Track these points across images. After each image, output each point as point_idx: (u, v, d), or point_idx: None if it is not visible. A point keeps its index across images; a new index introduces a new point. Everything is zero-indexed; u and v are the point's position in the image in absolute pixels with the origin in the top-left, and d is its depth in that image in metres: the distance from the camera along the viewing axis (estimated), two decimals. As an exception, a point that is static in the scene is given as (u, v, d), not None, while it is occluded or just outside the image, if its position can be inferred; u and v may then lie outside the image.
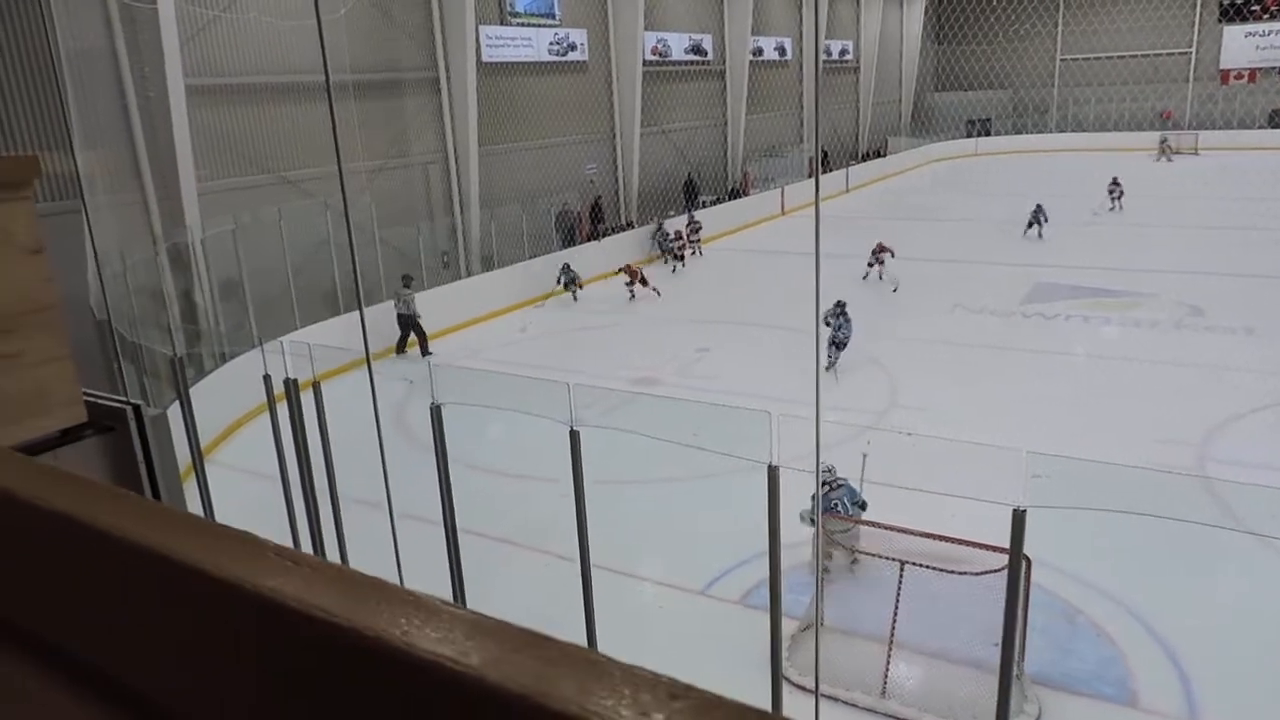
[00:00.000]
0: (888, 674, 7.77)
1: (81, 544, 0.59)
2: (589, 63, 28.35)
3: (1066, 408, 13.22)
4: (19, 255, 2.23)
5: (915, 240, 27.48)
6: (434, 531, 7.81)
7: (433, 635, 0.46)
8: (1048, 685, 7.78)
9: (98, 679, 0.60)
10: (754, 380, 14.71)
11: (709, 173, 34.45)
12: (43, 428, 2.35)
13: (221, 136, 18.05)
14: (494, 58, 24.76)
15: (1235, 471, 10.61)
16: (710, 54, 34.20)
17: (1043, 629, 8.28)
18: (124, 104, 16.02)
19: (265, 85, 18.83)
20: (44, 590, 0.65)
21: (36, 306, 2.27)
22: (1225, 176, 36.79)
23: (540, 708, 0.41)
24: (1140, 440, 11.73)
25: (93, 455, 2.49)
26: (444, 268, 22.49)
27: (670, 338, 18.58)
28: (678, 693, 0.42)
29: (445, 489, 7.59)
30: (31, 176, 2.27)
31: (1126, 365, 15.39)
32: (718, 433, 7.91)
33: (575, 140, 27.89)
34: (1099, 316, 18.50)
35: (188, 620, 0.55)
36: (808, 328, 6.38)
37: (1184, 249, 24.27)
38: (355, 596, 0.49)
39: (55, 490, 0.63)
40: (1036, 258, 23.70)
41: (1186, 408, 13.11)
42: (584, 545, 6.91)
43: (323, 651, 0.48)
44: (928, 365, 15.73)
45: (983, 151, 49.02)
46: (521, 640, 0.46)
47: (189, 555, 0.53)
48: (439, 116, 23.15)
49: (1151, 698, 7.67)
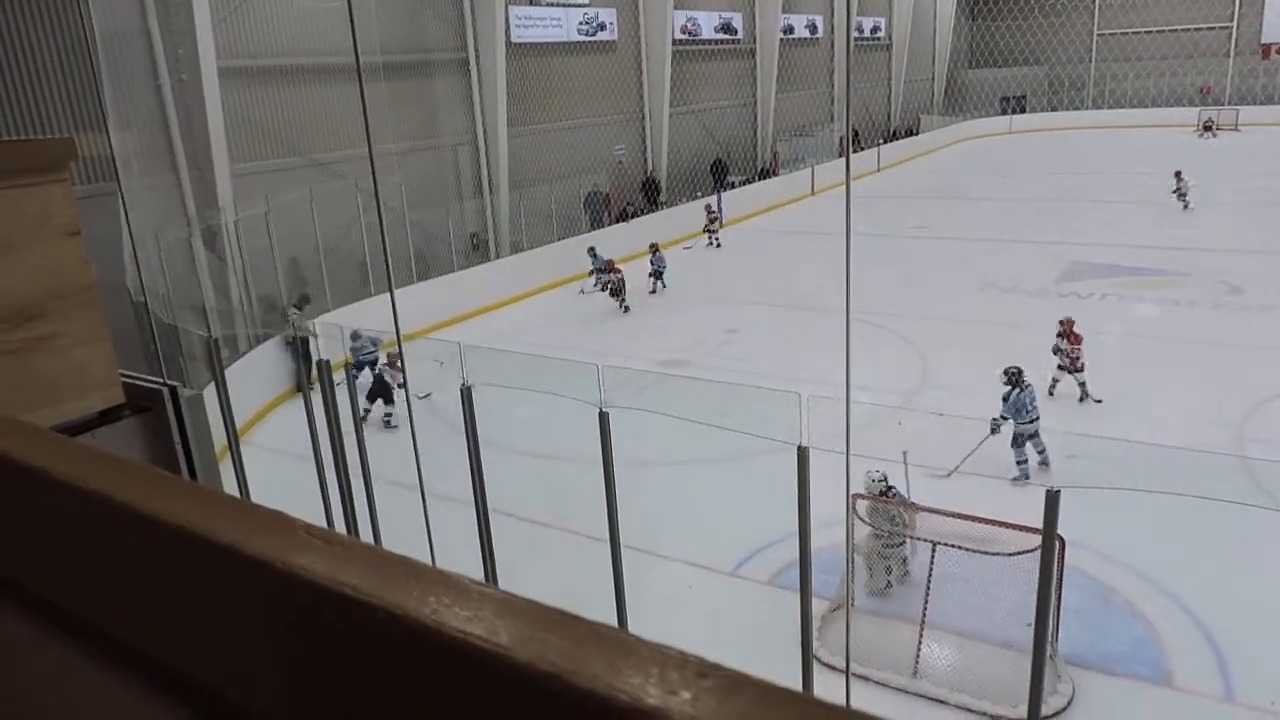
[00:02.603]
0: (920, 654, 7.75)
1: (114, 522, 0.60)
2: (618, 42, 28.23)
3: (1102, 388, 13.06)
4: (57, 237, 2.26)
5: (947, 219, 27.22)
6: (465, 512, 7.87)
7: (462, 614, 0.46)
8: (1081, 665, 7.73)
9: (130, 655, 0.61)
10: (783, 361, 14.66)
11: (738, 153, 34.24)
12: (82, 409, 2.39)
13: (253, 118, 18.20)
14: (523, 38, 24.71)
15: (1274, 451, 10.45)
16: (740, 32, 33.93)
17: (1077, 610, 8.23)
18: (158, 86, 16.18)
19: (296, 67, 18.94)
20: (78, 568, 0.66)
21: (74, 288, 2.30)
22: (1266, 152, 36.05)
23: (569, 686, 0.41)
24: (1177, 420, 11.58)
25: (130, 435, 2.52)
26: (473, 249, 22.55)
27: (699, 319, 18.55)
28: (705, 671, 0.42)
29: (476, 470, 7.64)
30: (68, 159, 2.29)
31: (1163, 345, 15.18)
32: (747, 414, 7.90)
33: (604, 121, 27.82)
34: (1134, 295, 18.24)
35: (220, 597, 0.56)
36: (838, 308, 6.34)
37: (1222, 227, 23.84)
38: (384, 575, 0.50)
39: (87, 469, 0.63)
40: (1071, 236, 23.37)
41: (1224, 387, 12.92)
42: (614, 526, 6.94)
43: (352, 629, 0.48)
44: (960, 345, 15.60)
45: (1017, 129, 48.31)
46: (550, 619, 0.46)
47: (220, 533, 0.54)
48: (468, 97, 23.17)
49: (1187, 678, 7.60)
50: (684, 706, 0.40)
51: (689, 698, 0.40)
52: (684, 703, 0.40)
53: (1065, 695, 7.39)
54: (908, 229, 25.99)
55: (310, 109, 19.30)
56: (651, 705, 0.40)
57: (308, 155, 19.18)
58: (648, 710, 0.40)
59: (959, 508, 7.86)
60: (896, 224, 26.37)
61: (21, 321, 2.14)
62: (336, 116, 19.28)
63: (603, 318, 19.49)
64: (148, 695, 0.58)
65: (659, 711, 0.39)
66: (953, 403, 13.00)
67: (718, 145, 33.00)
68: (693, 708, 0.40)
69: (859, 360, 10.30)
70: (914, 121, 47.70)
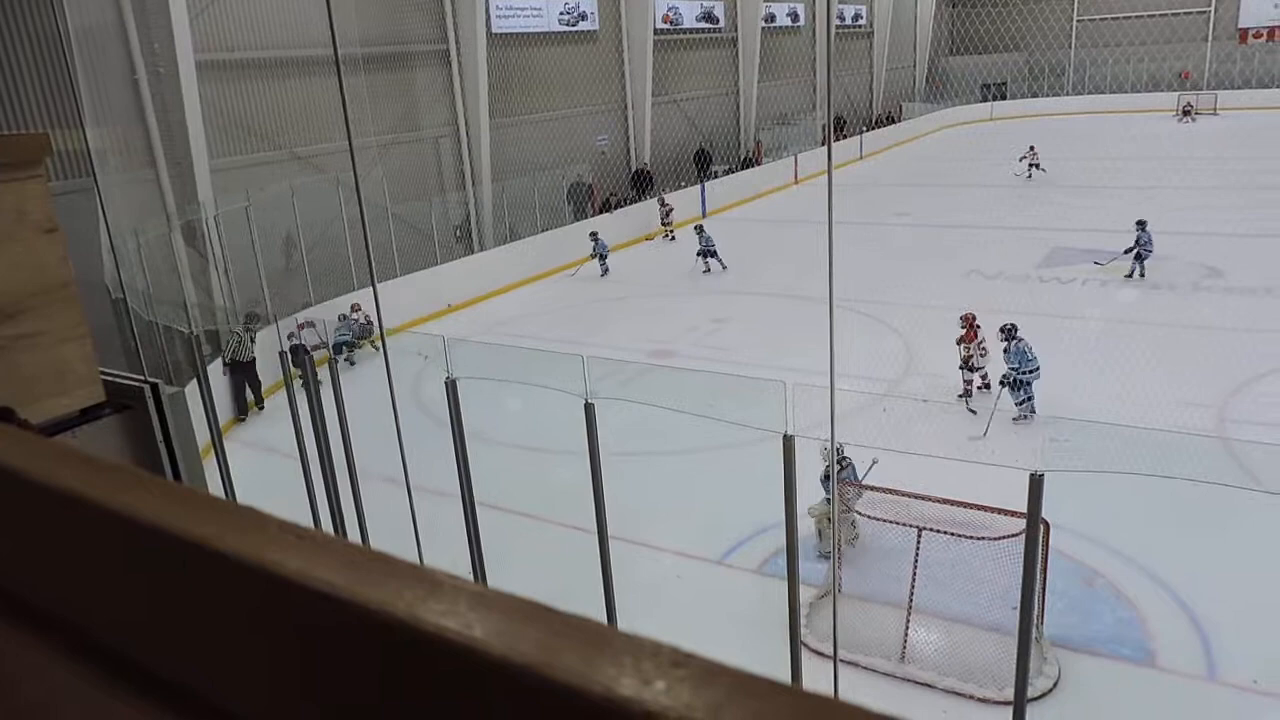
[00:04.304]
0: (907, 639, 7.80)
1: (87, 520, 0.60)
2: (599, 32, 28.12)
3: (1084, 372, 13.14)
4: (34, 234, 2.23)
5: (930, 206, 27.30)
6: (452, 506, 7.85)
7: (437, 608, 0.46)
8: (1067, 647, 7.81)
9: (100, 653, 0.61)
10: (769, 350, 14.68)
11: (721, 142, 34.20)
12: (62, 407, 2.37)
13: (232, 112, 18.05)
14: (504, 28, 24.60)
15: (1256, 432, 10.54)
16: (722, 21, 33.85)
17: (1061, 592, 8.30)
18: (134, 80, 16.02)
19: (274, 60, 18.79)
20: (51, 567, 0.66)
21: (53, 285, 2.28)
22: (1244, 136, 36.29)
23: (544, 678, 0.41)
24: (1159, 403, 11.66)
25: (112, 434, 2.51)
26: (457, 242, 22.47)
27: (685, 309, 18.55)
28: (679, 660, 0.42)
29: (462, 463, 7.62)
30: (43, 154, 2.27)
31: (1145, 328, 15.27)
32: (733, 403, 7.91)
33: (586, 111, 27.73)
34: (1116, 280, 18.34)
35: (194, 596, 0.55)
36: (823, 296, 6.36)
37: (1202, 210, 23.98)
38: (359, 570, 0.49)
39: (57, 467, 0.63)
40: (1053, 221, 23.46)
41: (1205, 370, 13.02)
42: (601, 517, 6.94)
43: (326, 625, 0.48)
44: (945, 332, 15.63)
45: (998, 116, 48.43)
46: (526, 612, 0.46)
47: (189, 529, 0.54)
48: (449, 89, 23.05)
49: (1170, 658, 7.68)
50: (658, 696, 0.40)
51: (663, 688, 0.40)
52: (658, 693, 0.40)
53: (1051, 677, 7.46)
54: (891, 217, 26.05)
55: (290, 102, 19.16)
56: (625, 696, 0.40)
57: (288, 149, 19.05)
58: (621, 701, 0.40)
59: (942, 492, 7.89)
60: (880, 212, 26.42)
61: (0, 320, 2.12)
62: (316, 110, 19.16)
63: (587, 308, 19.47)
64: (123, 694, 0.58)
65: (632, 702, 0.39)
66: (939, 389, 13.07)
67: (701, 135, 32.95)
68: (667, 697, 0.40)
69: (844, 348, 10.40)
70: (896, 109, 47.75)
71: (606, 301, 19.89)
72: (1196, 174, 28.04)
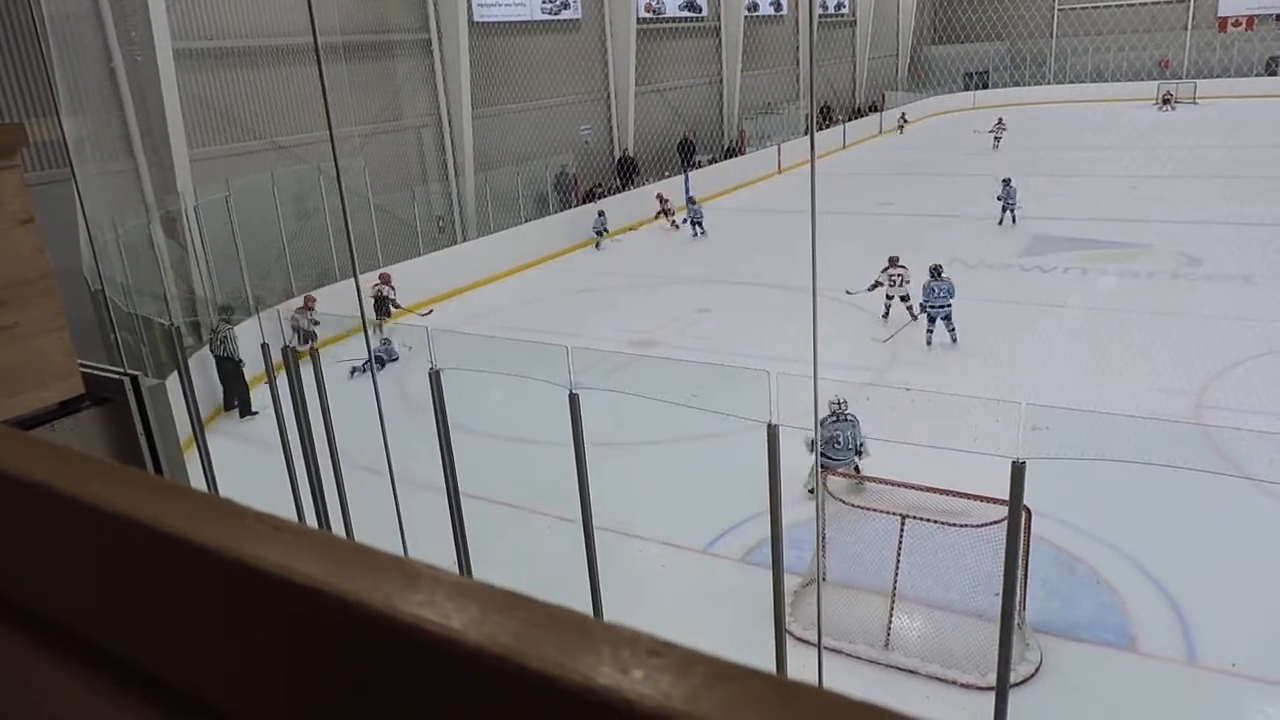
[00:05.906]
0: (891, 626, 7.85)
1: (63, 514, 0.59)
2: (582, 21, 27.98)
3: (1066, 360, 13.23)
4: (10, 225, 2.21)
5: (912, 195, 27.36)
6: (437, 498, 7.84)
7: (415, 599, 0.46)
8: (1049, 633, 7.88)
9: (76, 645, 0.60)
10: (753, 340, 14.70)
11: (705, 132, 34.14)
12: (41, 400, 2.35)
13: (211, 101, 17.88)
14: (486, 17, 24.44)
15: (1234, 419, 10.65)
16: (705, 10, 33.75)
17: (1043, 579, 8.37)
18: (111, 69, 15.83)
19: (254, 48, 18.61)
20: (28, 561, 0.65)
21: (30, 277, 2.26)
22: (1223, 125, 36.52)
23: (520, 667, 0.41)
24: (1139, 390, 11.75)
25: (92, 427, 2.49)
26: (440, 233, 22.38)
27: (669, 299, 18.54)
28: (657, 649, 0.42)
29: (447, 454, 7.61)
30: (18, 145, 2.25)
31: (1125, 316, 15.37)
32: (717, 393, 7.92)
33: (569, 101, 27.61)
34: (1097, 268, 18.45)
35: (171, 588, 0.55)
36: (807, 285, 6.36)
37: (1181, 198, 24.13)
38: (337, 562, 0.49)
39: (28, 460, 0.62)
40: (1034, 210, 23.56)
41: (1185, 357, 13.12)
42: (586, 507, 6.94)
43: (304, 617, 0.48)
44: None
45: (980, 104, 48.52)
46: (504, 602, 0.46)
47: (165, 522, 0.53)
48: (431, 78, 22.90)
49: (1151, 642, 7.76)
50: (636, 685, 0.40)
51: (641, 676, 0.40)
52: (636, 681, 0.40)
53: (1033, 663, 7.52)
54: (874, 205, 26.10)
55: (270, 91, 19.00)
56: (603, 685, 0.40)
57: (268, 139, 18.90)
58: (599, 689, 0.40)
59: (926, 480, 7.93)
60: (863, 201, 26.46)
61: (-24, 312, 2.10)
62: (297, 99, 19.00)
63: (571, 299, 19.44)
64: (101, 688, 0.58)
65: (610, 690, 0.40)
66: (922, 378, 13.12)
67: (684, 124, 32.88)
68: (644, 686, 0.40)
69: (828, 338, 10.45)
70: (879, 98, 47.78)
71: (590, 292, 19.86)
72: (1176, 162, 28.20)
